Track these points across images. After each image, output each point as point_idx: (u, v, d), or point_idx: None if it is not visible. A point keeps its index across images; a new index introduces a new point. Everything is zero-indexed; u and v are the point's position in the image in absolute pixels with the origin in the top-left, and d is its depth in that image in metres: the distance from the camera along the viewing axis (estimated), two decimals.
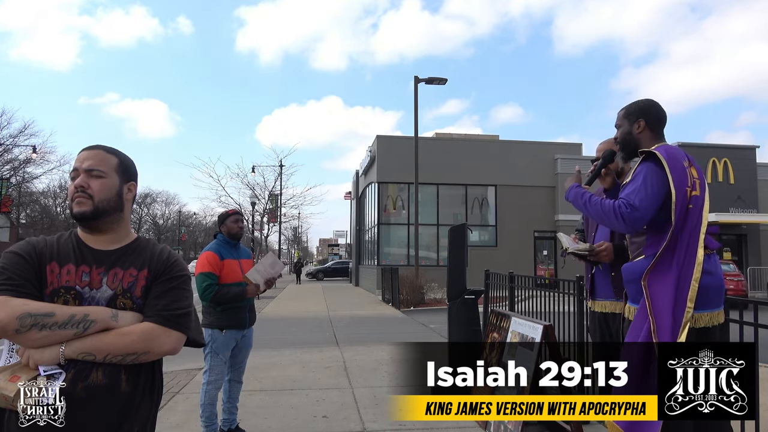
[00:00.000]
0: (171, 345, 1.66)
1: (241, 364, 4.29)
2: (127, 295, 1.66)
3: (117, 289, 1.65)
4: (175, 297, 1.70)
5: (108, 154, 1.75)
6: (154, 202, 76.68)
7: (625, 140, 2.74)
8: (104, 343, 1.57)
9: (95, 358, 1.57)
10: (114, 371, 1.60)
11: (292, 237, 65.57)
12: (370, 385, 5.86)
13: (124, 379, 1.62)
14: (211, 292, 3.95)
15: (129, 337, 1.59)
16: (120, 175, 1.75)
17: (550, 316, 5.49)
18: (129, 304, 1.65)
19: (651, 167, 2.51)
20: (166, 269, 1.72)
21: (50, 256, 1.63)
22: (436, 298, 16.96)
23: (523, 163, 23.72)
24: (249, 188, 30.58)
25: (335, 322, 12.48)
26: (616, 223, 2.54)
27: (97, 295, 1.63)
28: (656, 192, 2.47)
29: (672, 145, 2.64)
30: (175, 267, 1.74)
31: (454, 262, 7.38)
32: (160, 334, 1.63)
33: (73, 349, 1.55)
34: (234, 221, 4.23)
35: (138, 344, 1.60)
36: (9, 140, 32.55)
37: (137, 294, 1.67)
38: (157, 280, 1.70)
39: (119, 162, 1.76)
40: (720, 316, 2.54)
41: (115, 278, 1.66)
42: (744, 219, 22.95)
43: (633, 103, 2.77)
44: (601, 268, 3.35)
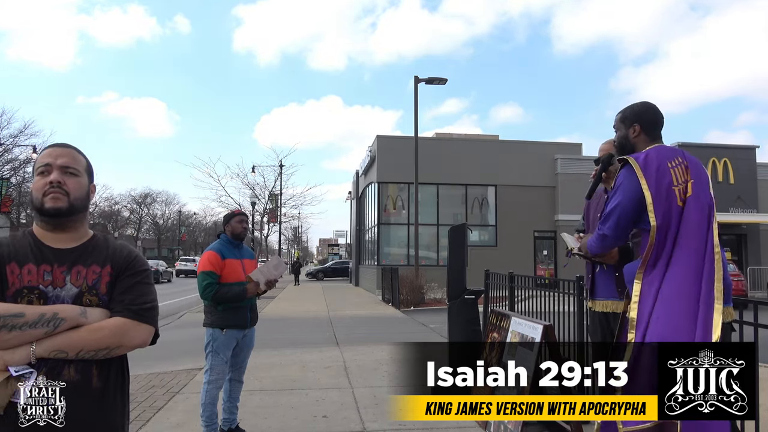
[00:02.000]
0: (142, 338, 1.69)
1: (242, 364, 4.29)
2: (93, 291, 1.67)
3: (82, 286, 1.66)
4: (141, 291, 1.71)
5: (78, 154, 1.77)
6: (154, 202, 76.80)
7: (622, 144, 2.84)
8: (76, 340, 1.58)
9: (67, 355, 1.58)
10: (86, 367, 1.61)
11: (292, 237, 65.64)
12: (370, 385, 5.86)
13: (96, 374, 1.63)
14: (211, 291, 3.96)
15: (101, 332, 1.61)
16: (88, 176, 1.78)
17: (550, 316, 5.49)
18: (95, 300, 1.66)
19: (626, 175, 2.63)
20: (129, 265, 1.73)
21: (9, 257, 1.62)
22: (436, 298, 16.95)
23: (523, 163, 23.72)
24: (249, 188, 30.63)
25: (335, 322, 12.48)
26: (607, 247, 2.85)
27: (62, 293, 1.63)
28: (629, 204, 2.57)
29: (664, 147, 2.68)
30: (138, 262, 1.76)
31: (454, 262, 7.38)
32: (131, 328, 1.65)
33: (44, 347, 1.56)
34: (238, 221, 4.26)
35: (110, 339, 1.62)
36: (9, 140, 32.58)
37: (102, 290, 1.68)
38: (121, 275, 1.71)
39: (87, 163, 1.79)
40: (727, 314, 2.55)
41: (78, 276, 1.66)
42: (744, 219, 22.96)
43: (628, 107, 2.83)
44: (606, 268, 3.35)
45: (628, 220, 2.62)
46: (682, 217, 2.49)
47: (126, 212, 71.41)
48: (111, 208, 64.67)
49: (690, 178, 2.55)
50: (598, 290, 3.43)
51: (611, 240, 2.72)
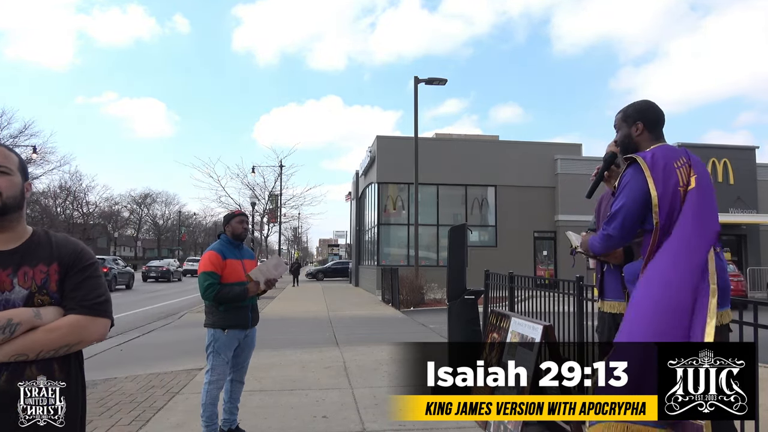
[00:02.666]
0: (100, 332, 1.70)
1: (243, 364, 4.29)
2: (43, 291, 1.65)
3: (31, 287, 1.64)
4: (92, 286, 1.71)
5: (9, 152, 1.73)
6: (154, 203, 76.74)
7: (625, 143, 2.79)
8: (34, 342, 1.58)
9: (28, 357, 1.58)
10: (47, 364, 1.62)
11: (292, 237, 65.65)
12: (370, 385, 5.86)
13: (57, 369, 1.64)
14: (212, 291, 3.96)
15: (58, 331, 1.62)
16: (21, 173, 1.73)
17: (550, 316, 5.49)
18: (47, 300, 1.65)
19: (632, 173, 2.59)
20: (77, 260, 1.71)
21: None
22: (436, 298, 16.95)
23: (523, 163, 23.72)
24: (249, 188, 30.60)
25: (335, 322, 12.47)
26: (612, 247, 2.81)
27: (12, 296, 1.61)
28: (635, 203, 2.55)
29: (668, 146, 2.65)
30: (84, 256, 1.74)
31: (454, 263, 7.38)
32: (88, 324, 1.66)
33: (4, 353, 1.55)
34: (239, 222, 4.25)
35: (68, 337, 1.63)
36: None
37: (53, 289, 1.67)
38: (69, 272, 1.69)
39: (19, 160, 1.75)
40: (725, 317, 2.55)
41: (26, 277, 1.64)
42: (744, 219, 22.96)
43: (630, 106, 2.80)
44: (612, 267, 3.33)
45: (634, 220, 2.58)
46: (680, 214, 2.48)
47: (126, 212, 71.41)
48: (111, 208, 64.63)
49: (693, 174, 2.55)
50: (607, 291, 3.41)
51: (616, 240, 2.68)
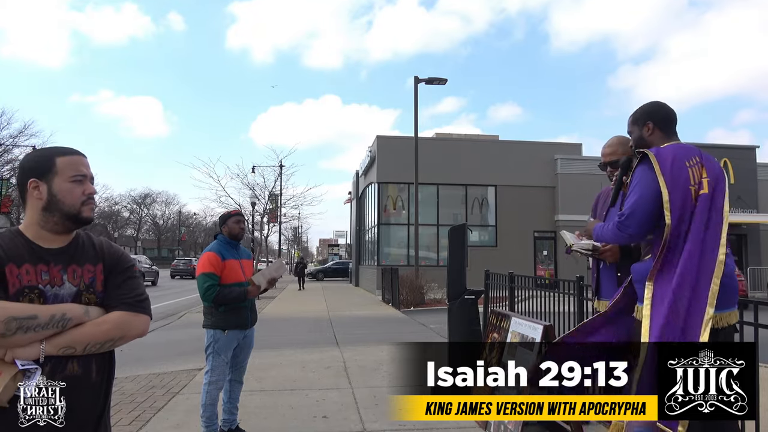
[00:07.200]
0: (142, 328, 1.80)
1: (242, 365, 4.29)
2: (90, 290, 1.74)
3: (80, 285, 1.73)
4: (133, 285, 1.82)
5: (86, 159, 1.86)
6: (154, 203, 76.83)
7: (639, 145, 2.80)
8: (83, 335, 1.66)
9: (75, 350, 1.65)
10: (87, 362, 1.69)
11: (292, 237, 65.62)
12: (370, 385, 5.86)
13: (95, 369, 1.71)
14: (212, 292, 3.95)
15: (105, 325, 1.70)
16: None
17: (550, 316, 5.49)
18: (93, 299, 1.74)
19: (644, 170, 2.59)
20: (119, 261, 1.83)
21: (6, 258, 1.66)
22: (436, 298, 16.94)
23: (523, 163, 23.72)
24: (249, 188, 30.54)
25: (335, 322, 12.47)
26: (623, 242, 2.85)
27: (61, 292, 1.69)
28: (649, 200, 2.53)
29: (680, 144, 2.65)
30: (124, 258, 1.87)
31: (454, 262, 7.38)
32: (132, 320, 1.76)
33: (53, 345, 1.62)
34: (235, 222, 4.23)
35: (114, 331, 1.71)
36: (9, 140, 32.60)
37: (99, 288, 1.76)
38: (112, 273, 1.80)
39: None
40: (732, 317, 2.54)
41: (75, 275, 1.73)
42: (744, 219, 22.94)
43: (639, 108, 2.83)
44: (608, 265, 3.33)
45: (651, 216, 2.54)
46: (693, 216, 2.47)
47: (126, 212, 71.44)
48: (111, 208, 64.67)
49: (706, 176, 2.54)
50: (603, 290, 3.41)
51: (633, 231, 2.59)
